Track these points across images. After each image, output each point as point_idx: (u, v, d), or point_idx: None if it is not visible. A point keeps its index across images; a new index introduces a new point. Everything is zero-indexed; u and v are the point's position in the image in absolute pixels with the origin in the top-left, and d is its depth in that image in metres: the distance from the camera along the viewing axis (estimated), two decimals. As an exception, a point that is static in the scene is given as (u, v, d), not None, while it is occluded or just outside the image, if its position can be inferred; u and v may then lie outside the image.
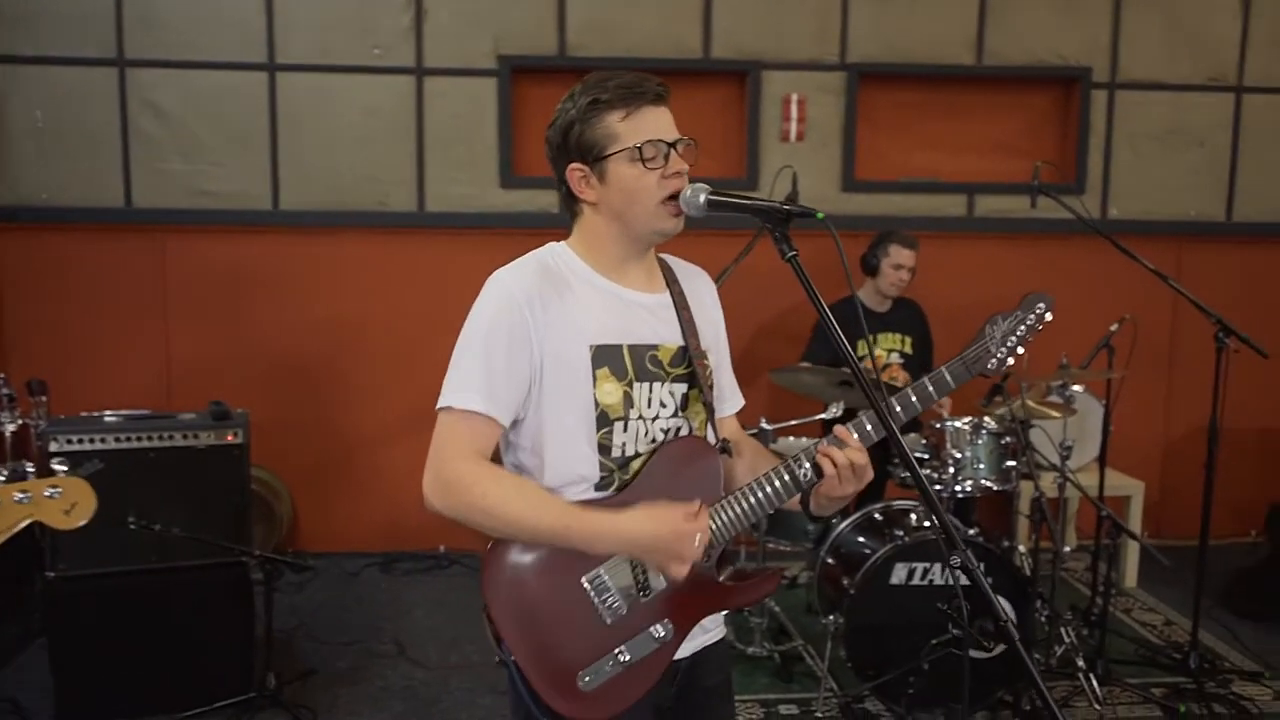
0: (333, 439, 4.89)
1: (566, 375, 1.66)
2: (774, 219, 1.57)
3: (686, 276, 1.86)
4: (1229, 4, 5.00)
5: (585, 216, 1.74)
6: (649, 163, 1.65)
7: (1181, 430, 5.17)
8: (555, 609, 1.64)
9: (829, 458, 1.64)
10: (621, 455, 1.70)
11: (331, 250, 4.79)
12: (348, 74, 4.69)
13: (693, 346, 1.76)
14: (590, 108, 1.66)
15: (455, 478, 1.63)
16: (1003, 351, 1.78)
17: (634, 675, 1.67)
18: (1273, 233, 5.14)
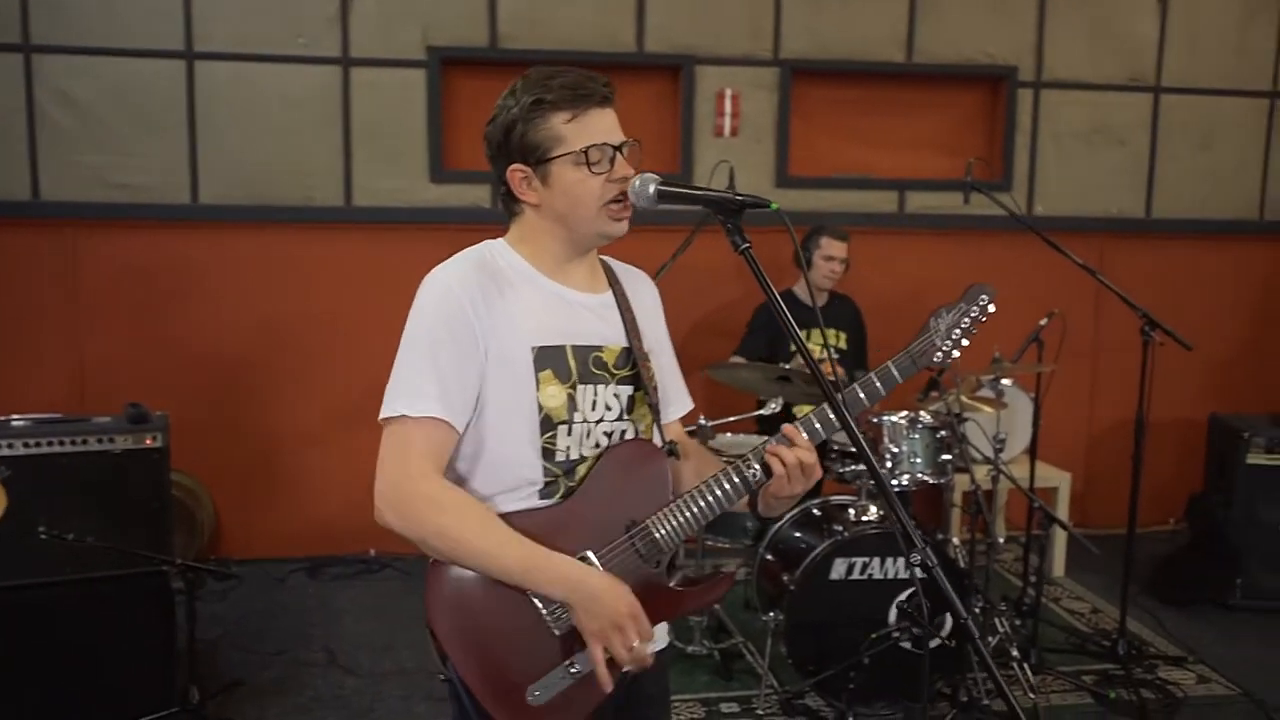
0: (257, 441, 4.73)
1: (508, 377, 1.60)
2: (726, 210, 1.53)
3: (628, 278, 1.81)
4: (1148, 6, 5.13)
5: (526, 217, 1.68)
6: (594, 167, 1.60)
7: (1105, 422, 5.30)
8: (503, 623, 1.57)
9: (778, 457, 1.61)
10: (566, 459, 1.65)
11: (254, 246, 4.63)
12: (270, 63, 4.53)
13: (636, 348, 1.72)
14: (534, 108, 1.59)
15: (417, 498, 1.55)
16: (948, 344, 1.76)
17: (586, 687, 1.61)
18: (1189, 230, 5.29)
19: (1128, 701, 3.48)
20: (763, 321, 4.43)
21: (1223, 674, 3.75)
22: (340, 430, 4.77)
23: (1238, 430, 4.36)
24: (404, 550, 4.76)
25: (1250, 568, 4.31)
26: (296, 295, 4.67)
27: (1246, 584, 4.32)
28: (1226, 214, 5.33)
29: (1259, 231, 5.36)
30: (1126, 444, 5.03)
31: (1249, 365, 5.35)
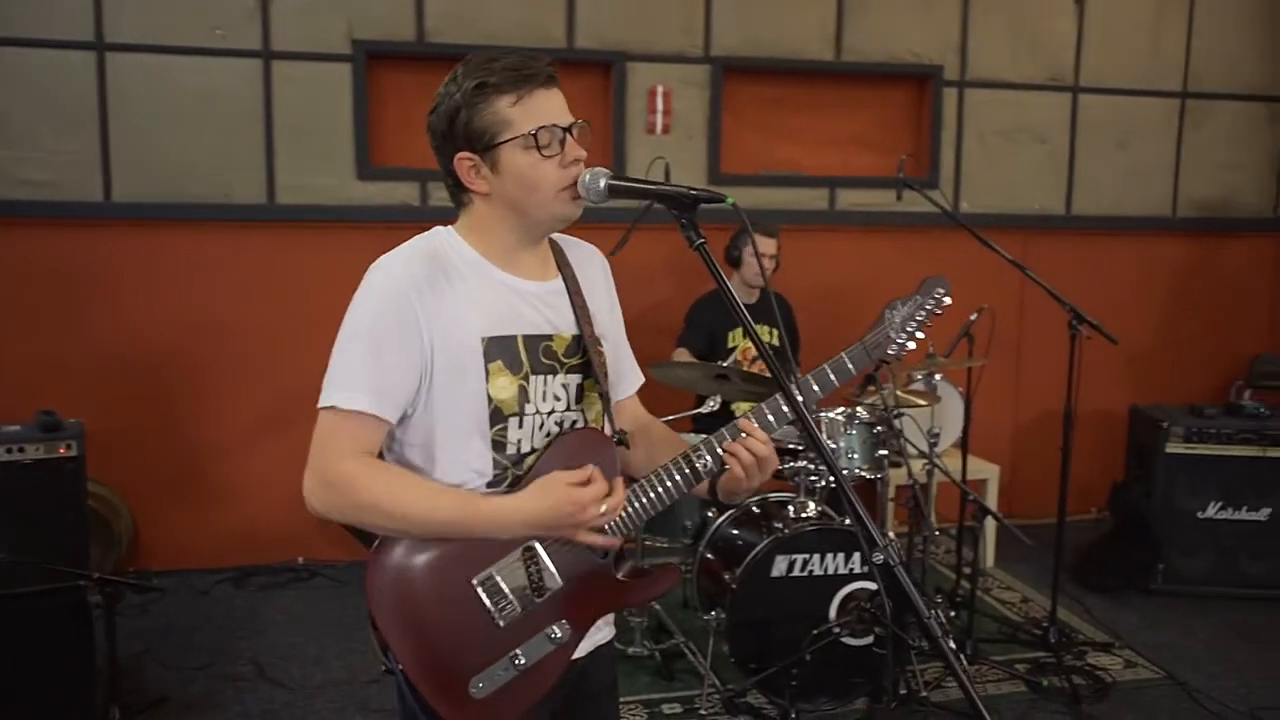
0: (176, 448, 4.56)
1: (457, 369, 1.56)
2: (680, 205, 1.50)
3: (576, 256, 1.77)
4: (1065, 8, 5.26)
5: (475, 206, 1.63)
6: (545, 150, 1.55)
7: (1030, 415, 5.42)
8: (445, 613, 1.54)
9: (734, 453, 1.61)
10: (517, 452, 1.61)
11: (172, 245, 4.45)
12: (186, 56, 4.36)
13: (587, 334, 1.69)
14: (477, 92, 1.55)
15: (338, 478, 1.51)
16: (903, 337, 1.78)
17: (530, 679, 1.59)
18: (1106, 226, 5.44)
19: (1059, 688, 3.55)
20: (701, 316, 4.42)
21: (1147, 658, 3.85)
22: (266, 435, 4.62)
23: (1157, 421, 4.49)
24: (334, 557, 4.69)
25: (1170, 554, 4.45)
26: (217, 296, 4.51)
27: (1167, 570, 4.45)
28: (1142, 211, 5.49)
29: (1173, 228, 5.54)
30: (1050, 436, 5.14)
31: (1165, 358, 5.53)
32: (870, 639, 3.36)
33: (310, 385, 1.59)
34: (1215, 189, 5.57)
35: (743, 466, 1.60)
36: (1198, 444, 4.42)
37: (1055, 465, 3.90)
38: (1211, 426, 4.42)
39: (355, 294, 1.58)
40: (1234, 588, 4.42)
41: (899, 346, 1.76)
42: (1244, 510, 4.40)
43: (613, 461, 1.67)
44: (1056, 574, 3.89)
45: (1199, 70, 5.43)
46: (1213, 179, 5.56)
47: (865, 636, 3.37)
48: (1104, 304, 4.82)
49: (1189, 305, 5.60)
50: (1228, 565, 4.44)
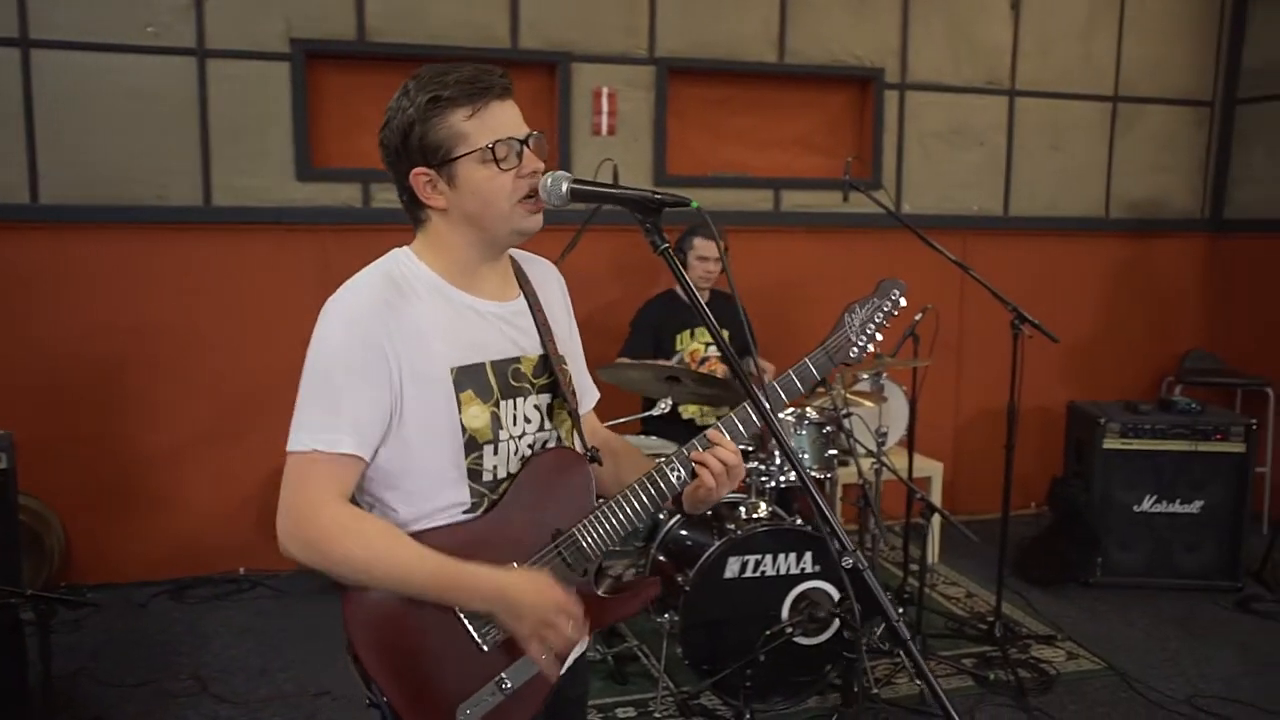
0: (109, 459, 4.42)
1: (428, 402, 1.52)
2: (645, 209, 1.48)
3: (535, 272, 1.75)
4: (1001, 13, 5.36)
5: (433, 223, 1.59)
6: (502, 163, 1.53)
7: (970, 412, 5.52)
8: (428, 641, 1.50)
9: (704, 464, 1.60)
10: (493, 479, 1.58)
11: (103, 248, 4.32)
12: (117, 53, 4.23)
13: (551, 353, 1.67)
14: (431, 106, 1.51)
15: (319, 526, 1.46)
16: (862, 339, 1.79)
17: (517, 702, 1.56)
18: (1043, 227, 5.55)
19: (1006, 682, 3.62)
20: (647, 321, 4.41)
21: (1089, 649, 3.94)
22: (203, 443, 4.50)
23: (1094, 417, 4.60)
24: (276, 567, 4.59)
25: (1108, 547, 4.56)
26: (152, 301, 4.38)
27: (1105, 562, 4.56)
28: (1076, 211, 5.62)
29: (1106, 228, 5.68)
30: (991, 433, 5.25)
31: (1100, 355, 5.66)
32: (823, 638, 3.39)
33: (250, 391, 1.55)
34: (1146, 191, 5.73)
35: (713, 475, 1.60)
36: (1133, 439, 4.53)
37: (996, 462, 3.97)
38: (1146, 422, 4.53)
39: (317, 329, 1.52)
40: (1169, 579, 4.54)
41: (859, 349, 1.77)
42: (1178, 503, 4.53)
43: (586, 479, 1.66)
44: (1001, 570, 3.96)
45: (1129, 75, 5.58)
46: (1144, 181, 5.71)
47: (817, 636, 3.41)
48: (1041, 303, 4.92)
49: (1122, 304, 5.75)
50: (1163, 557, 4.56)
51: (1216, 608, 4.37)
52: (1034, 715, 3.42)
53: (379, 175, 4.57)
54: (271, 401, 4.52)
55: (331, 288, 1.46)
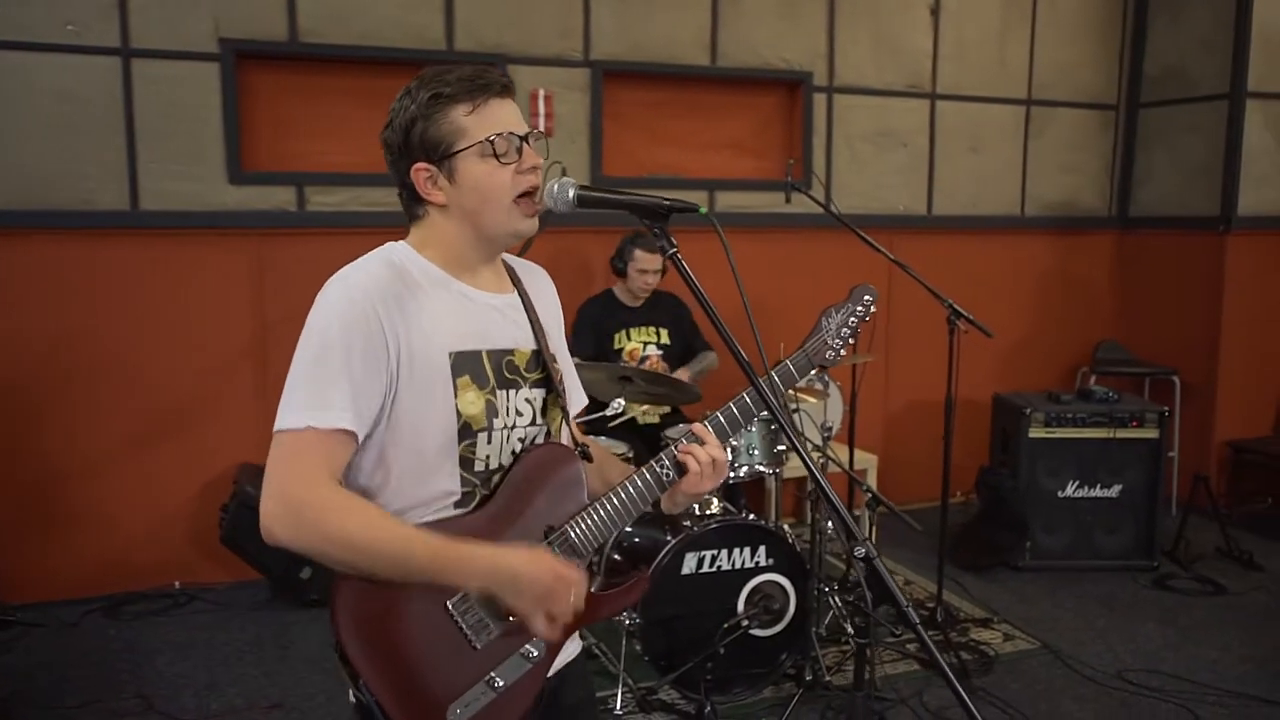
0: (32, 471, 4.25)
1: (424, 385, 1.52)
2: (653, 215, 1.52)
3: (528, 275, 1.77)
4: (922, 20, 5.54)
5: (431, 219, 1.60)
6: (502, 158, 1.55)
7: (899, 405, 5.69)
8: (420, 638, 1.49)
9: (692, 456, 1.64)
10: (485, 469, 1.59)
11: (26, 255, 4.15)
12: (35, 53, 4.08)
13: (544, 349, 1.69)
14: (432, 102, 1.53)
15: (310, 503, 1.43)
16: (838, 343, 1.83)
17: (508, 700, 1.56)
18: (963, 225, 5.76)
19: (949, 664, 3.74)
20: (586, 321, 4.45)
21: (1023, 630, 4.11)
22: (131, 455, 4.37)
23: (1019, 407, 4.79)
24: (213, 579, 4.48)
25: (1034, 532, 4.76)
26: (78, 309, 4.23)
27: (1032, 546, 4.76)
28: (994, 210, 5.85)
29: (1022, 226, 5.92)
30: (919, 425, 5.44)
31: (1018, 347, 5.89)
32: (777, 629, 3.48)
33: (180, 401, 1.52)
34: (1058, 190, 5.99)
35: (699, 467, 1.63)
36: (1056, 428, 4.74)
37: (925, 452, 4.12)
38: (1068, 412, 4.75)
39: (315, 307, 1.51)
40: (1091, 560, 4.77)
41: (835, 352, 1.82)
42: (1098, 488, 4.76)
43: (578, 475, 1.67)
44: (942, 557, 4.11)
45: (1041, 79, 5.83)
46: (1055, 181, 5.97)
47: (772, 627, 3.49)
48: (962, 299, 5.07)
49: (1038, 298, 6.00)
50: (1085, 540, 4.78)
51: (1137, 586, 4.61)
52: (978, 695, 3.56)
53: (314, 178, 4.53)
54: (203, 411, 4.45)
55: (266, 292, 1.45)
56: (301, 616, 4.21)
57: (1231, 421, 5.65)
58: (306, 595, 4.28)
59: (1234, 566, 4.83)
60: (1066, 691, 3.62)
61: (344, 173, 4.54)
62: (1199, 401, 5.69)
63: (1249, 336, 5.64)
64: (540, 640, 1.59)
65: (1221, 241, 5.56)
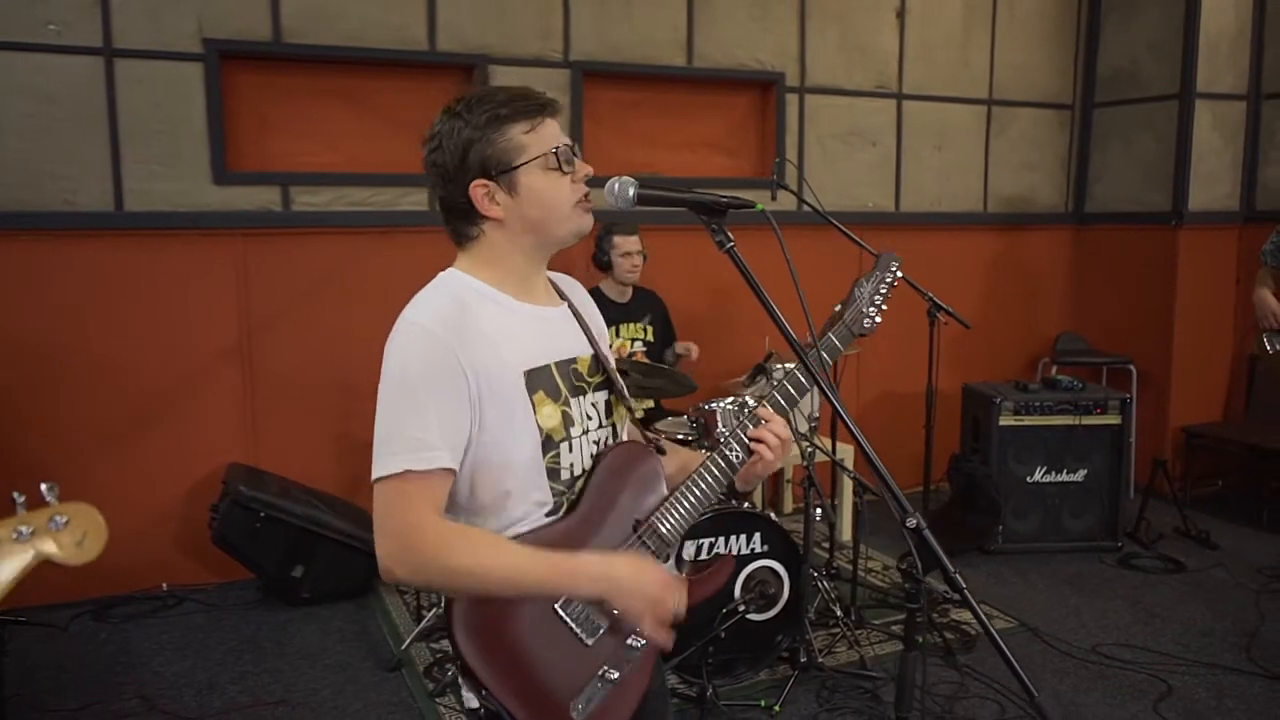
0: (12, 474, 4.20)
1: (504, 408, 1.57)
2: (711, 211, 1.61)
3: (569, 288, 1.84)
4: (888, 23, 5.70)
5: (487, 237, 1.64)
6: (565, 167, 1.62)
7: (870, 396, 5.84)
8: (537, 644, 1.55)
9: (761, 439, 1.71)
10: (570, 477, 1.64)
11: (7, 256, 4.11)
12: (14, 52, 4.04)
13: (600, 353, 1.76)
14: (491, 123, 1.59)
15: (426, 547, 1.50)
16: (873, 310, 1.87)
17: (622, 691, 1.62)
18: (930, 222, 5.94)
19: (933, 643, 3.90)
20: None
21: (1000, 609, 4.28)
22: (115, 457, 4.35)
23: (989, 397, 4.97)
24: (201, 580, 4.48)
25: (1005, 516, 4.94)
26: (61, 310, 4.20)
27: (1003, 530, 4.94)
28: (958, 207, 6.03)
29: (984, 222, 6.12)
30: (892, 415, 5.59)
31: (981, 339, 6.05)
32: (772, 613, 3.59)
33: (165, 403, 1.53)
34: (1017, 187, 6.20)
35: (770, 450, 1.71)
36: (1025, 416, 4.93)
37: (897, 442, 4.24)
38: (1036, 400, 4.94)
39: (389, 353, 1.56)
40: (1060, 542, 4.96)
41: (871, 320, 1.87)
42: (1064, 473, 4.95)
43: (656, 469, 1.74)
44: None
45: (1002, 80, 6.03)
46: (1015, 178, 6.18)
47: (767, 611, 3.61)
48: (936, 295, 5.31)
49: (1000, 292, 6.21)
50: (1053, 523, 4.98)
51: (1103, 566, 4.81)
52: (963, 671, 3.71)
53: (298, 178, 4.54)
54: (188, 412, 4.43)
55: (252, 292, 1.47)
56: (294, 615, 4.23)
57: (1185, 408, 5.90)
58: (299, 594, 4.29)
59: (1192, 545, 5.06)
60: (1046, 666, 3.79)
61: (328, 172, 4.56)
62: (1154, 389, 5.93)
63: (1200, 326, 5.90)
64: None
65: (1173, 236, 5.80)
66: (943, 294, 4.20)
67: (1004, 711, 3.44)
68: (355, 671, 3.73)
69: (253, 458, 4.55)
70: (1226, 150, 5.83)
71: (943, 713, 3.42)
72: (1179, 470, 5.80)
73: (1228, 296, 5.99)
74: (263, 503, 4.17)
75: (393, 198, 4.60)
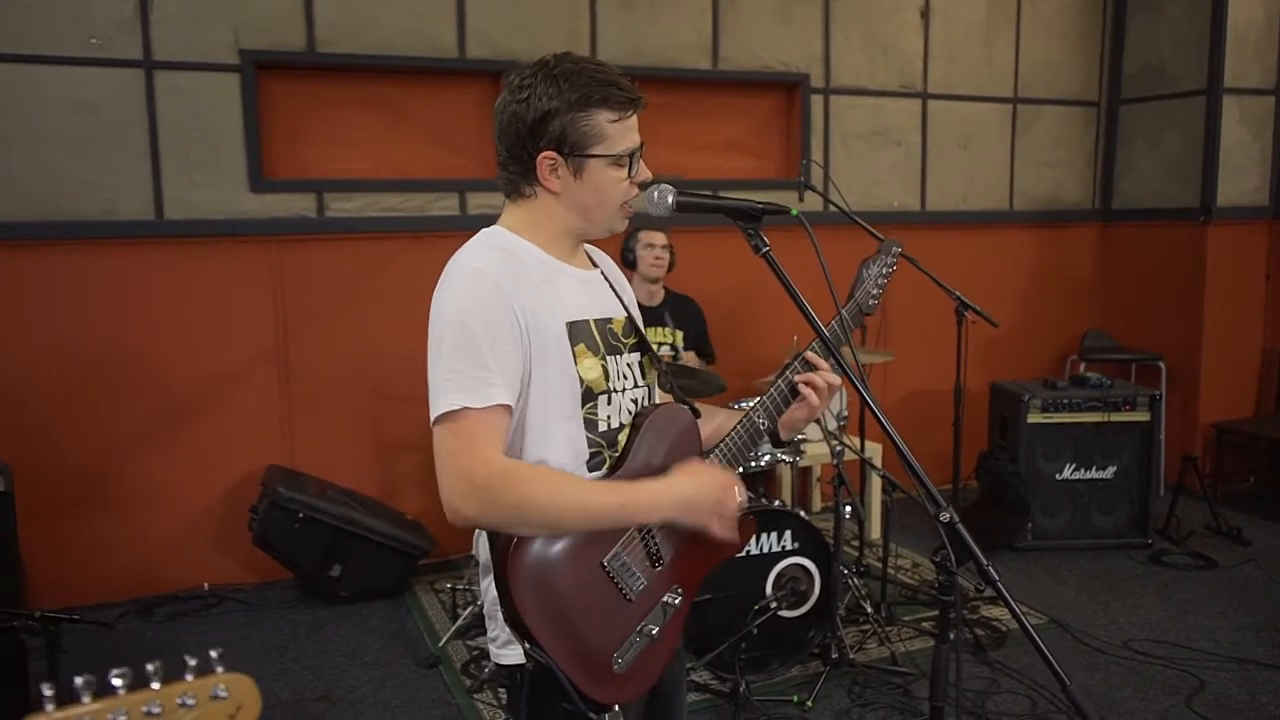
0: (64, 479, 4.32)
1: (550, 354, 1.62)
2: (747, 217, 1.66)
3: (599, 258, 1.89)
4: (912, 23, 5.72)
5: (539, 200, 1.68)
6: (632, 168, 1.68)
7: (898, 395, 5.86)
8: (584, 598, 1.61)
9: (810, 383, 1.78)
10: (608, 429, 1.69)
11: (52, 266, 4.22)
12: (58, 66, 4.15)
13: (634, 315, 1.81)
14: (581, 102, 1.61)
15: (494, 477, 1.53)
16: (876, 290, 1.96)
17: (657, 646, 1.68)
18: (955, 220, 5.95)
19: (964, 639, 3.93)
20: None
21: (1031, 606, 4.30)
22: (157, 460, 4.45)
23: (1018, 395, 4.99)
24: (241, 580, 4.57)
25: (1035, 514, 4.95)
26: (104, 318, 4.31)
27: (1032, 527, 4.95)
28: (984, 205, 6.04)
29: (1011, 220, 6.13)
30: (920, 414, 5.61)
31: (1009, 337, 6.08)
32: (803, 609, 3.64)
33: (204, 405, 1.57)
34: (1044, 185, 6.20)
35: (817, 393, 1.78)
36: (1053, 413, 4.94)
37: (925, 439, 4.26)
38: (1064, 398, 4.95)
39: (440, 298, 1.60)
40: (1089, 539, 4.97)
41: (874, 299, 1.95)
42: (1094, 470, 4.96)
43: (694, 427, 1.79)
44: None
45: (1027, 78, 6.03)
46: (1041, 176, 6.18)
47: (799, 608, 3.65)
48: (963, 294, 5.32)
49: (1027, 289, 6.21)
50: (1082, 520, 4.98)
51: (1133, 562, 4.82)
52: (995, 667, 3.74)
53: (332, 185, 4.63)
54: (226, 416, 4.53)
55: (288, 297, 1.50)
56: (333, 614, 4.32)
57: (1215, 404, 5.89)
58: (336, 593, 4.38)
59: (1223, 542, 5.06)
60: (1077, 661, 3.80)
61: (361, 179, 4.65)
62: (1184, 386, 5.92)
63: (1229, 322, 5.88)
64: (678, 588, 1.72)
65: (1201, 232, 5.79)
66: (970, 292, 4.23)
67: (1035, 706, 3.47)
68: (394, 668, 3.81)
69: (290, 459, 4.64)
70: (1254, 145, 5.81)
71: (974, 707, 3.45)
72: (1210, 467, 5.79)
73: (1257, 291, 5.97)
74: (301, 503, 4.26)
75: (424, 203, 4.67)
